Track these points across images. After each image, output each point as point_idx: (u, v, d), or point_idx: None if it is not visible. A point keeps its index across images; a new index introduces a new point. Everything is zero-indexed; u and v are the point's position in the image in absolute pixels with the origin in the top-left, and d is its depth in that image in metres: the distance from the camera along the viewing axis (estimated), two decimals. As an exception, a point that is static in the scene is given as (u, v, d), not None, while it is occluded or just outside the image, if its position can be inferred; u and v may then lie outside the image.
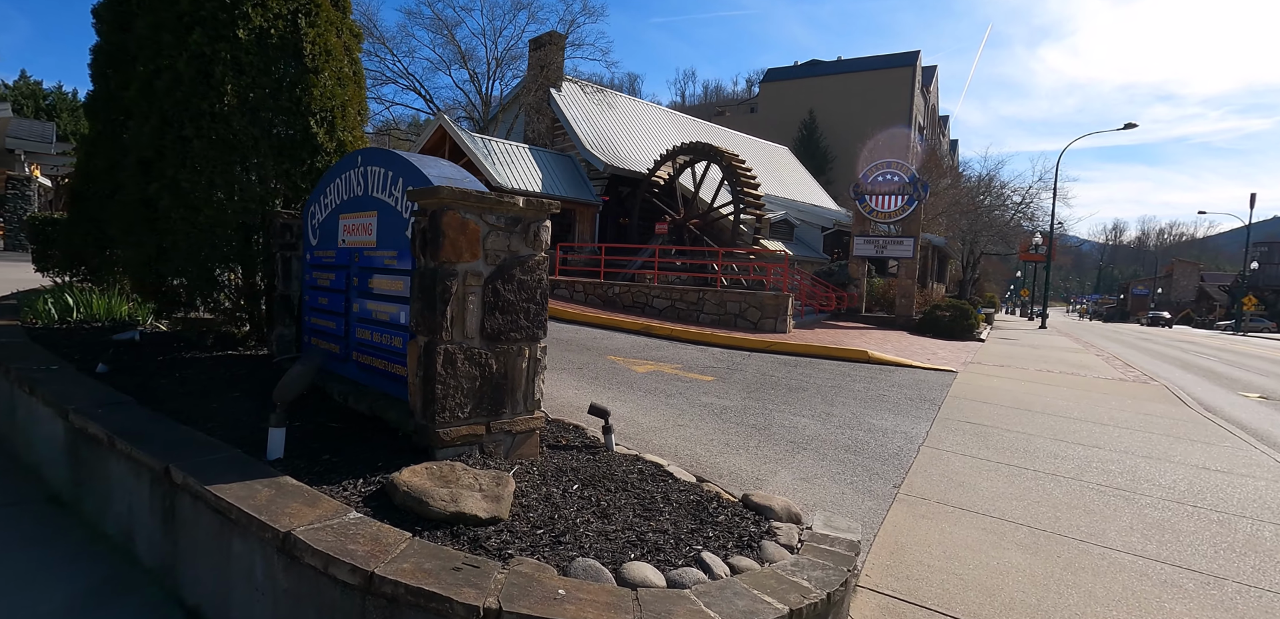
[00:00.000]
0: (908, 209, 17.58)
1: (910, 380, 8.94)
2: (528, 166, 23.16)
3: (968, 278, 34.42)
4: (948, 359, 11.91)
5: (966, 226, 31.49)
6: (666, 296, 14.00)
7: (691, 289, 13.65)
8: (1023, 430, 6.23)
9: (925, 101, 60.47)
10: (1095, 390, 9.34)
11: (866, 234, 18.43)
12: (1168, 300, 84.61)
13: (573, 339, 10.40)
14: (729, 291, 13.23)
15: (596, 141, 25.42)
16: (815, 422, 5.98)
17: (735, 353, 10.53)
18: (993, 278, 66.62)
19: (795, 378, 8.42)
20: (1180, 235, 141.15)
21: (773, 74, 64.75)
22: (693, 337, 11.55)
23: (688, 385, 7.27)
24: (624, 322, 12.35)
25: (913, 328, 17.34)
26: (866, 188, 18.17)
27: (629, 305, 14.56)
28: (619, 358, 8.94)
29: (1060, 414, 7.24)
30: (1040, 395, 8.46)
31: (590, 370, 7.73)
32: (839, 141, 52.58)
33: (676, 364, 8.82)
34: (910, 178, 17.58)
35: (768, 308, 12.82)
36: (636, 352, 9.69)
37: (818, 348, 11.00)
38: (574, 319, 12.81)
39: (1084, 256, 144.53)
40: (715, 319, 13.34)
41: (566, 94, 26.74)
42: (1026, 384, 9.47)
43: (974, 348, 14.81)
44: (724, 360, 9.56)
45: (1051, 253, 31.40)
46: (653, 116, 30.47)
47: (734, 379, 7.98)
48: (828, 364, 9.98)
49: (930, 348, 13.60)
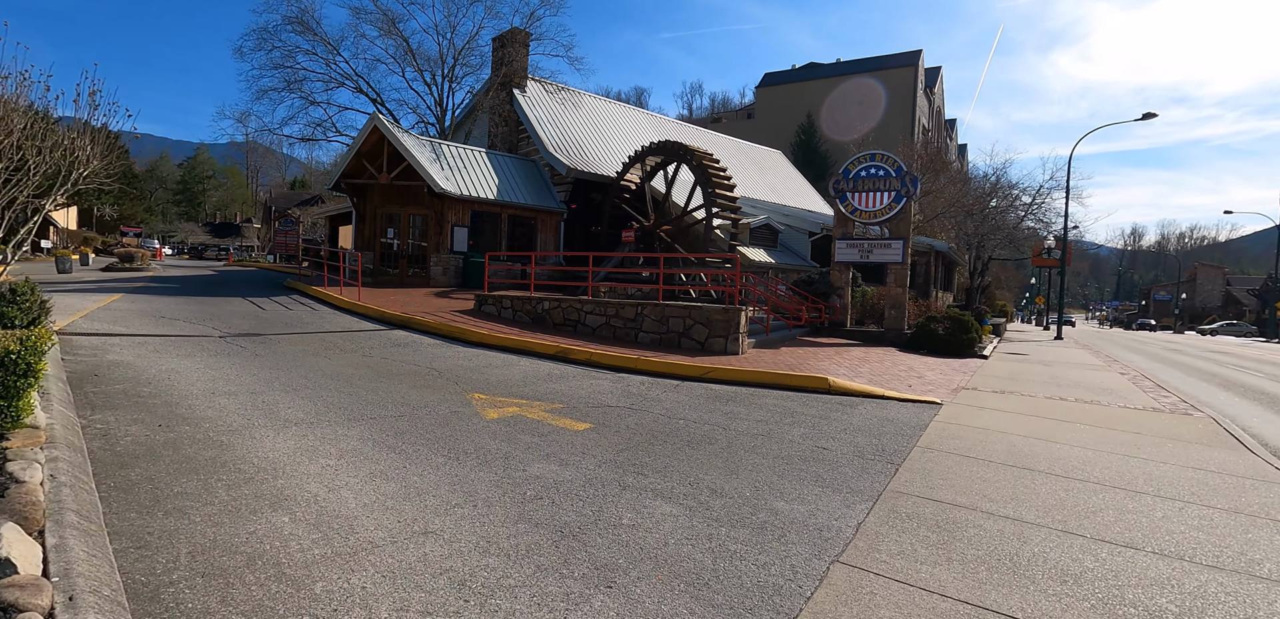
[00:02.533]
0: (896, 207, 15.29)
1: (872, 421, 6.69)
2: (483, 172, 21.21)
3: (975, 285, 31.86)
4: (936, 383, 9.63)
5: (973, 230, 29.04)
6: (601, 313, 11.84)
7: (629, 304, 11.49)
8: (1015, 516, 3.99)
9: (929, 103, 58.11)
10: (1122, 427, 7.03)
11: (850, 236, 16.15)
12: (1192, 305, 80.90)
13: (449, 368, 8.26)
14: (672, 307, 11.05)
15: (561, 144, 23.44)
16: (683, 510, 3.79)
17: (659, 383, 8.34)
18: (1006, 285, 63.65)
19: (708, 423, 6.21)
20: (1201, 238, 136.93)
21: (769, 78, 62.67)
22: (617, 362, 9.38)
23: (538, 440, 5.10)
24: (540, 344, 10.20)
25: (904, 343, 15.03)
26: (848, 184, 15.91)
27: (559, 324, 12.42)
28: (482, 396, 6.78)
29: (1074, 475, 4.97)
30: (1047, 442, 6.18)
31: (414, 418, 5.59)
32: (838, 146, 50.26)
33: (557, 404, 6.64)
34: (898, 171, 15.31)
35: (716, 324, 10.62)
36: (521, 386, 7.54)
37: (768, 375, 8.78)
38: (482, 341, 10.69)
39: (1102, 262, 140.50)
40: (656, 338, 11.17)
41: (531, 94, 24.85)
42: (1030, 421, 7.17)
43: (973, 367, 12.49)
44: (633, 395, 7.38)
45: (1066, 257, 28.86)
46: (627, 117, 28.48)
47: (619, 427, 5.79)
48: (772, 397, 7.76)
49: (918, 369, 11.31)
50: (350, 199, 20.21)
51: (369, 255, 20.17)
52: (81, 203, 54.83)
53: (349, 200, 20.39)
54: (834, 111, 53.67)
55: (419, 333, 11.45)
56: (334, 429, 5.06)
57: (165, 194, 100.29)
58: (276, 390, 6.34)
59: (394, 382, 7.21)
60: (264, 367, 7.57)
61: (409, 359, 8.82)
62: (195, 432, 4.72)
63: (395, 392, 6.68)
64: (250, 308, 13.50)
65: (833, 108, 53.87)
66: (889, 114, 49.93)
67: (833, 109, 53.79)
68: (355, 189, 19.95)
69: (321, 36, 23.67)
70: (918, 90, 52.70)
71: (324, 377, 7.21)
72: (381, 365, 8.22)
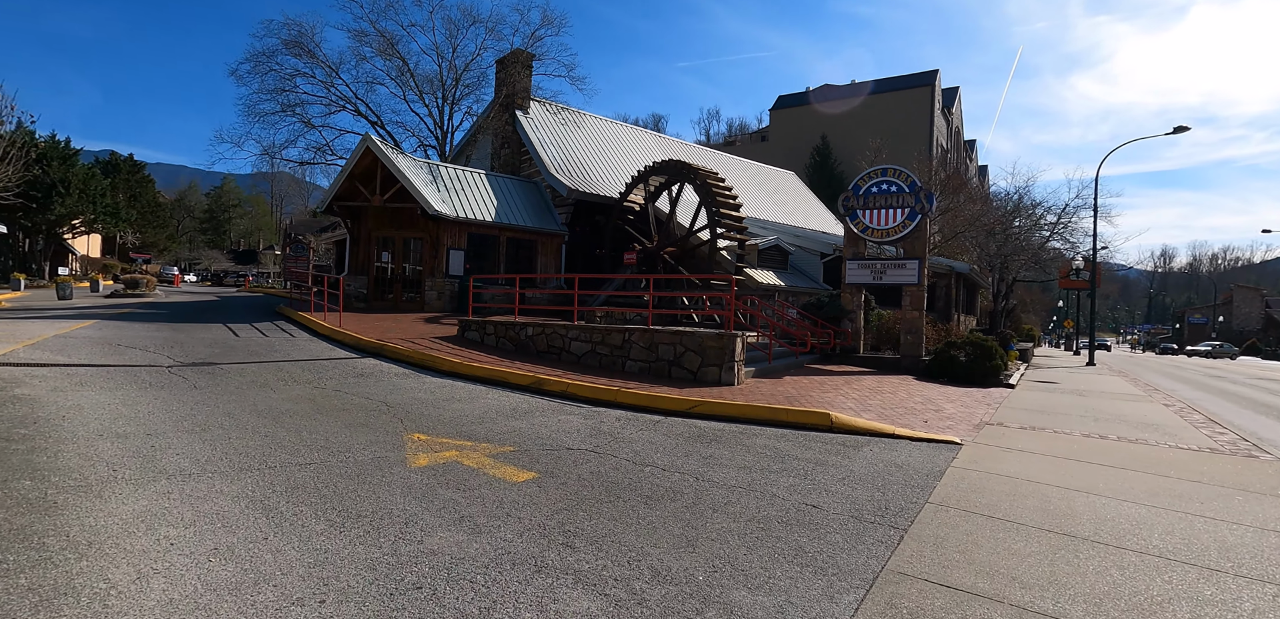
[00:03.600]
0: (910, 225, 14.25)
1: (877, 468, 5.68)
2: (481, 194, 20.61)
3: (1000, 308, 30.42)
4: (956, 418, 8.55)
5: (995, 250, 27.72)
6: (586, 340, 10.95)
7: (616, 331, 10.59)
8: (1055, 612, 2.97)
9: (947, 123, 56.89)
10: (1177, 473, 5.91)
11: (861, 257, 15.11)
12: (1229, 329, 77.66)
13: (403, 402, 7.40)
14: (662, 333, 10.12)
15: (563, 165, 22.82)
16: (604, 606, 2.85)
17: (636, 420, 7.40)
18: (1032, 308, 61.49)
19: (680, 471, 5.25)
20: (1235, 260, 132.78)
21: (784, 101, 61.98)
22: (595, 393, 8.46)
23: (460, 498, 4.20)
24: (515, 374, 9.33)
25: (921, 372, 13.89)
26: (858, 201, 14.92)
27: (543, 351, 11.55)
28: (423, 436, 5.90)
29: (1128, 544, 3.93)
30: (1089, 495, 5.11)
31: (323, 468, 4.72)
32: (854, 167, 49.23)
33: (507, 447, 5.74)
34: (911, 186, 14.29)
35: (709, 352, 9.65)
36: (474, 423, 6.64)
37: (762, 409, 7.79)
38: (453, 371, 9.84)
39: (1132, 285, 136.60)
40: (645, 367, 10.23)
41: (534, 115, 24.34)
42: (1067, 466, 6.09)
43: (999, 398, 11.34)
44: (602, 435, 6.45)
45: (1095, 278, 27.38)
46: (632, 138, 27.84)
47: (568, 478, 4.87)
48: (763, 436, 6.78)
49: (935, 401, 10.22)
50: (344, 222, 19.72)
51: (362, 280, 19.59)
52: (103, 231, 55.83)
53: (343, 224, 19.90)
54: (849, 133, 52.72)
55: (389, 361, 10.65)
56: (212, 484, 4.21)
57: (192, 223, 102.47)
58: (182, 431, 5.53)
59: (329, 419, 6.37)
60: (192, 401, 6.79)
61: (362, 392, 8.00)
62: (37, 487, 3.90)
63: (322, 432, 5.83)
64: (225, 334, 12.86)
65: (847, 129, 52.94)
66: (906, 134, 48.81)
67: (848, 130, 52.86)
68: (349, 212, 19.44)
69: (321, 59, 23.48)
70: (935, 110, 51.57)
71: (251, 414, 6.40)
72: (327, 399, 7.40)
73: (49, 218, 41.34)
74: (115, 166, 72.01)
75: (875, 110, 52.61)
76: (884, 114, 52.13)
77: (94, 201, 44.33)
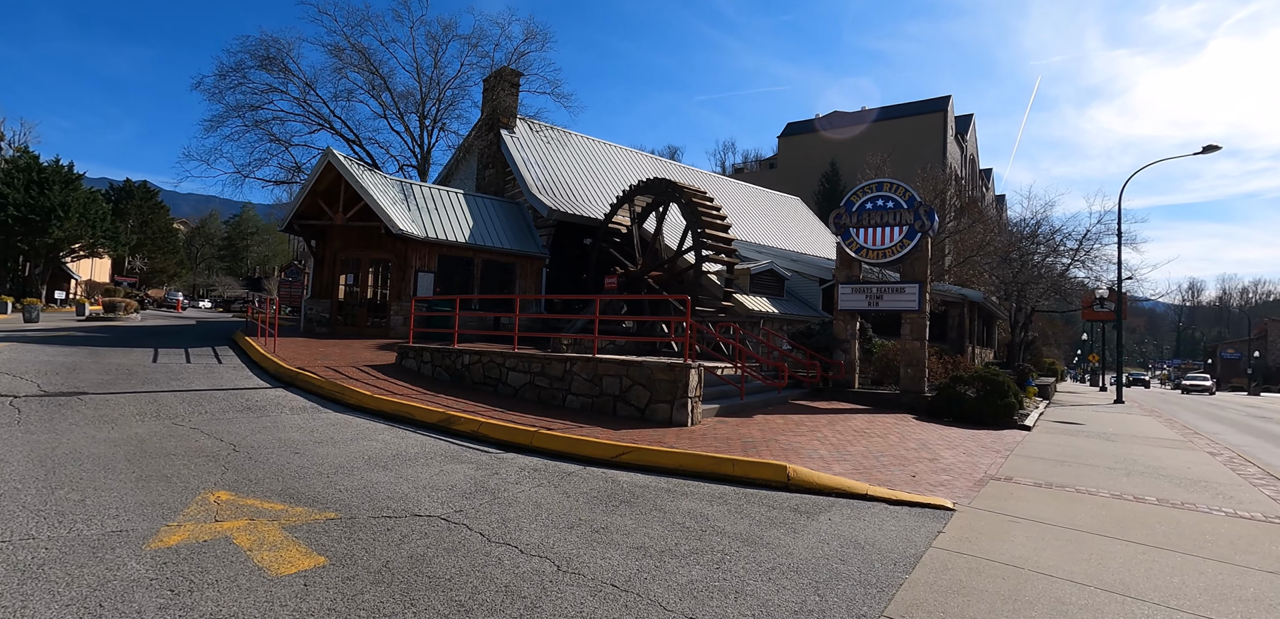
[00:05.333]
0: (909, 244, 12.68)
1: (827, 552, 4.16)
2: (455, 214, 19.46)
3: (1018, 340, 28.42)
4: (954, 470, 6.95)
5: (1011, 277, 25.90)
6: (524, 370, 9.51)
7: (557, 361, 9.15)
8: None
9: (961, 150, 55.28)
10: (1243, 558, 4.29)
11: (855, 280, 13.51)
12: (1265, 364, 73.94)
13: (264, 444, 6.00)
14: (607, 363, 8.65)
15: (547, 184, 21.65)
16: None
17: (547, 470, 5.93)
18: (1055, 341, 58.79)
19: (545, 555, 3.77)
20: (1267, 293, 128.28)
21: (793, 127, 60.82)
22: (509, 434, 7.00)
23: (154, 603, 2.76)
24: (426, 410, 7.91)
25: (924, 409, 12.23)
26: (852, 218, 13.40)
27: (479, 382, 10.12)
28: (226, 496, 4.49)
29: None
30: (1125, 599, 3.53)
31: (36, 540, 3.32)
32: (865, 193, 47.67)
33: (328, 513, 4.30)
34: (910, 201, 12.75)
35: (659, 386, 8.16)
36: (328, 474, 5.22)
37: (705, 459, 6.28)
38: (360, 405, 8.44)
39: (1159, 319, 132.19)
40: (588, 402, 8.75)
41: (519, 135, 23.30)
42: (1092, 549, 4.49)
43: (1011, 443, 9.67)
44: (484, 492, 4.99)
45: (1121, 309, 25.42)
46: (624, 158, 26.69)
47: (365, 567, 3.42)
48: (695, 496, 5.27)
49: (933, 447, 8.60)
50: (307, 243, 18.65)
51: (325, 304, 18.42)
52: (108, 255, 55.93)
53: (305, 244, 18.84)
54: (859, 159, 51.33)
55: (299, 392, 9.31)
56: None
57: (211, 250, 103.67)
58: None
59: (130, 469, 5.00)
60: (4, 438, 5.47)
61: (217, 431, 6.63)
62: None
63: (95, 488, 4.45)
64: (142, 361, 11.65)
65: (858, 156, 51.55)
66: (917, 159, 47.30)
67: (858, 157, 51.46)
68: (312, 231, 18.36)
69: (296, 75, 22.70)
70: (947, 136, 50.00)
71: (31, 459, 5.06)
72: (164, 441, 6.04)
73: (47, 241, 41.15)
74: (128, 193, 72.74)
75: (885, 136, 51.15)
76: (894, 140, 50.63)
77: (94, 225, 44.15)
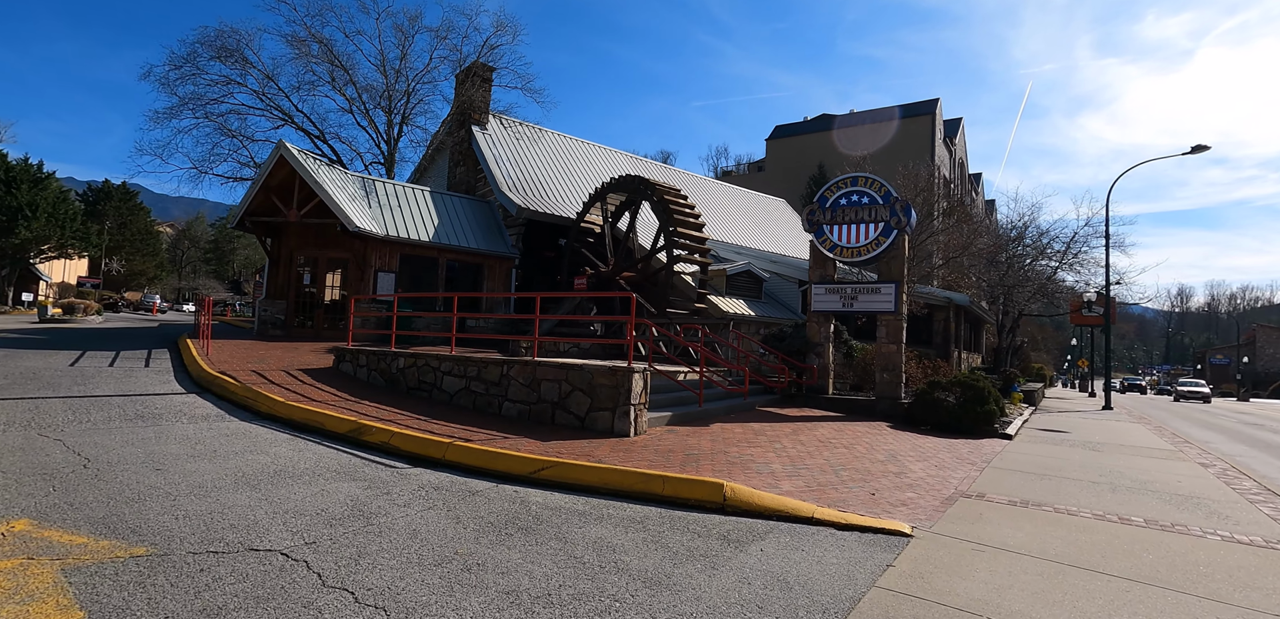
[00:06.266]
0: (885, 241, 12.00)
1: (749, 595, 3.42)
2: (420, 212, 18.67)
3: (1005, 345, 27.85)
4: (921, 486, 6.23)
5: (997, 280, 25.31)
6: (460, 375, 8.73)
7: (493, 364, 8.39)
8: None
9: (950, 153, 54.90)
10: (1247, 595, 3.57)
11: (829, 280, 12.82)
12: (1253, 370, 73.95)
13: (125, 458, 5.21)
14: (546, 367, 7.90)
15: (518, 183, 20.91)
16: None
17: (451, 487, 5.17)
18: (1044, 346, 58.38)
19: (383, 605, 3.01)
20: (1255, 299, 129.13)
21: (780, 130, 60.30)
22: (420, 447, 6.23)
23: None
24: (337, 419, 7.12)
25: (900, 417, 11.53)
26: (826, 215, 12.70)
27: (413, 387, 9.33)
28: (22, 526, 3.71)
29: None
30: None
31: None
32: (853, 197, 47.12)
33: (137, 548, 3.52)
34: (886, 197, 12.06)
35: (600, 392, 7.41)
36: (185, 497, 4.43)
37: (635, 476, 5.53)
38: (270, 412, 7.63)
39: (1148, 325, 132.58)
40: (524, 409, 7.99)
41: (491, 132, 22.55)
42: (1067, 584, 3.77)
43: (990, 453, 8.98)
44: (353, 518, 4.22)
45: (1110, 313, 24.87)
46: (602, 157, 25.98)
47: (151, 612, 2.64)
48: (608, 523, 4.52)
49: (903, 458, 7.88)
50: (261, 241, 17.79)
51: (280, 305, 17.56)
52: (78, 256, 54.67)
53: (260, 243, 17.97)
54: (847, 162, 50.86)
55: (212, 399, 8.50)
56: None
57: (196, 252, 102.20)
58: None
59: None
60: None
61: (89, 445, 5.83)
62: None
63: None
64: (59, 364, 10.80)
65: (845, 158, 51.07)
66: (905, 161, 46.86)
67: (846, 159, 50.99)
68: (266, 229, 17.51)
69: (257, 67, 21.83)
70: (936, 140, 49.58)
71: None
72: (5, 455, 5.25)
73: (14, 241, 39.98)
74: (107, 194, 71.40)
75: (873, 138, 50.70)
76: (883, 142, 50.21)
77: (63, 226, 43.00)
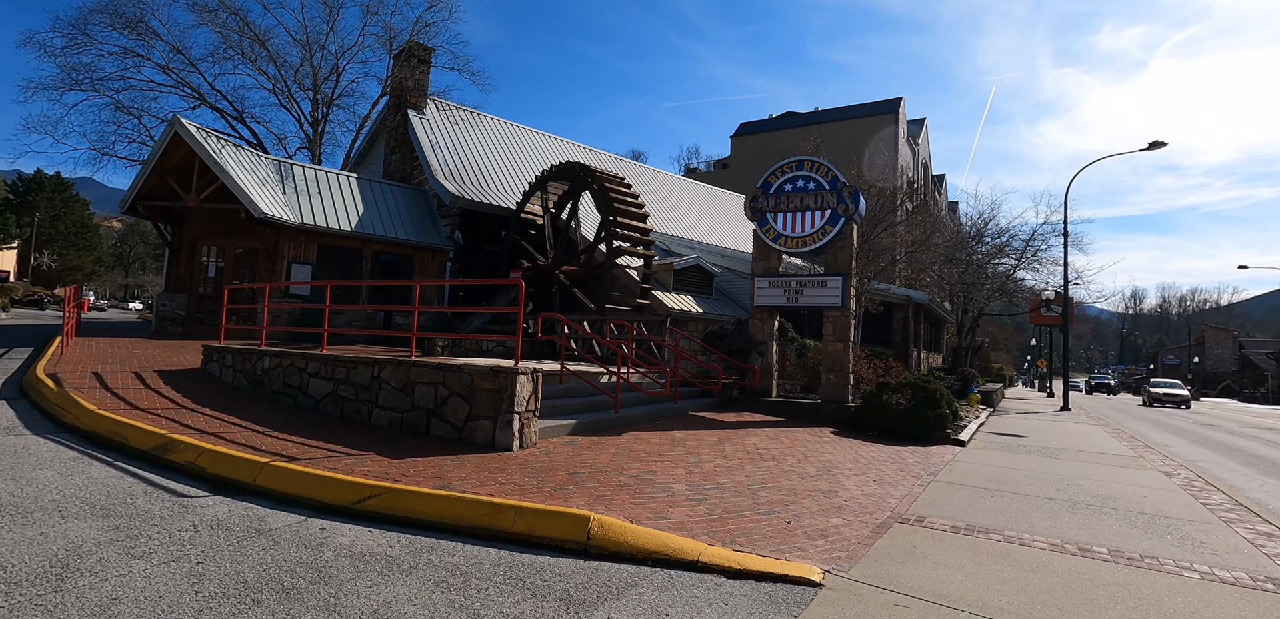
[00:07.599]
0: (832, 230, 11.06)
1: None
2: (344, 199, 17.19)
3: (964, 344, 27.45)
4: (852, 506, 5.19)
5: (956, 278, 24.81)
6: (328, 376, 7.47)
7: (363, 365, 7.15)
8: None
9: (914, 153, 54.96)
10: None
11: (772, 273, 11.85)
12: (1203, 369, 76.09)
13: None
14: (422, 368, 6.69)
15: (456, 170, 19.54)
16: None
17: (245, 518, 3.93)
18: (1004, 346, 58.90)
19: None
20: (1203, 301, 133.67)
21: (745, 128, 59.72)
22: (229, 470, 4.97)
23: None
24: (144, 430, 5.80)
25: (847, 421, 10.58)
26: (769, 202, 11.71)
27: (278, 391, 8.02)
28: None
29: None
30: None
31: None
32: (817, 195, 46.58)
33: None
34: (833, 183, 11.12)
35: (481, 398, 6.24)
36: None
37: (482, 507, 4.36)
38: (74, 424, 6.26)
39: (1104, 326, 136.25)
40: (396, 417, 6.77)
41: (429, 117, 21.10)
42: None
43: (939, 462, 8.05)
44: (61, 568, 2.95)
45: (1068, 313, 24.58)
46: (549, 145, 24.74)
47: None
48: (417, 579, 3.34)
49: (838, 472, 6.87)
50: (158, 229, 16.11)
51: (181, 299, 15.91)
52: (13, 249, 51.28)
53: (157, 231, 16.28)
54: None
55: (25, 405, 7.06)
56: None
57: (145, 248, 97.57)
58: None
59: None
60: None
61: None
62: None
63: None
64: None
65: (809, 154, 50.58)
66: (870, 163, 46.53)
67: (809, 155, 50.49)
68: (164, 215, 15.82)
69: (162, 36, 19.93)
70: (899, 140, 49.49)
71: None
72: None
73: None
74: (38, 185, 67.36)
75: (838, 137, 50.33)
76: (846, 139, 49.85)
77: (-32, 216, 39.98)
